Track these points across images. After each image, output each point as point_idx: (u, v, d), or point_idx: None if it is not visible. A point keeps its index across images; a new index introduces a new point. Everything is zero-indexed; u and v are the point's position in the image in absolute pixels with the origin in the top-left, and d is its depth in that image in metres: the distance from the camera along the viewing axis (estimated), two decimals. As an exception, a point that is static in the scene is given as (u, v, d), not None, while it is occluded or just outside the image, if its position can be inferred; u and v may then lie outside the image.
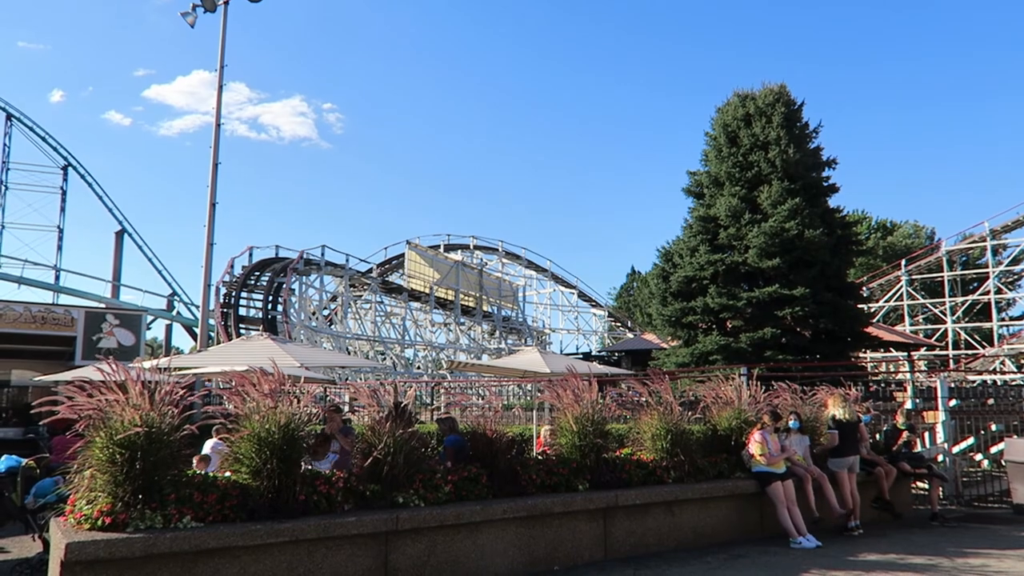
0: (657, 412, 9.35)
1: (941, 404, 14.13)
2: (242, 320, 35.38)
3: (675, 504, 8.77)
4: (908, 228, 67.14)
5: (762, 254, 24.50)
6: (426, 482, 7.26)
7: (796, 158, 26.00)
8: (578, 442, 8.50)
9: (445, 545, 7.03)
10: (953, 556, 8.32)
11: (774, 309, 24.38)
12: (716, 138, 28.23)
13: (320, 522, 6.37)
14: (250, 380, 6.86)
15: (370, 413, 7.58)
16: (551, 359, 13.83)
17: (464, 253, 54.63)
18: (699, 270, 25.98)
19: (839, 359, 24.31)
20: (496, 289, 51.81)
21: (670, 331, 27.46)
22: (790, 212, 24.56)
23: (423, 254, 47.14)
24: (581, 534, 7.97)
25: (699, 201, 28.37)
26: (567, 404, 8.74)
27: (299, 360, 10.37)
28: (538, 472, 8.08)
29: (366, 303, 45.38)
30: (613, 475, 8.51)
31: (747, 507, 9.47)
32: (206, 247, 18.86)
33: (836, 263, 25.87)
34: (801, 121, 27.40)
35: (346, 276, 41.15)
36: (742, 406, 10.26)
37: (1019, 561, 8.09)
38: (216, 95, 19.85)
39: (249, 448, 6.50)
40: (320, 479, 6.85)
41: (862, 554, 8.47)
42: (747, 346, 23.94)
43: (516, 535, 7.49)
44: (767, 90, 27.64)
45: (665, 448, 9.09)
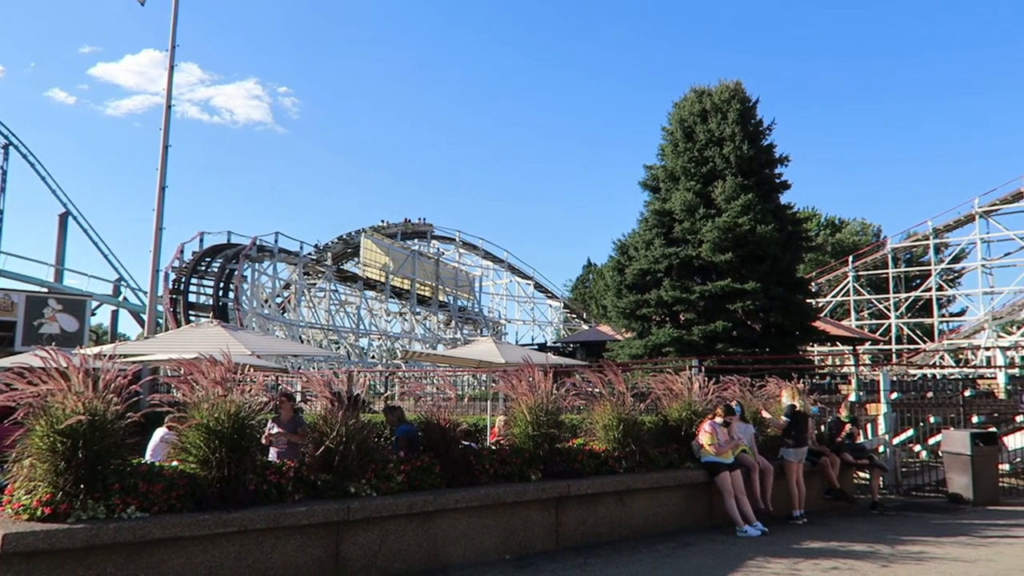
0: (610, 403, 9.44)
1: (883, 397, 14.59)
2: (192, 307, 34.68)
3: (626, 494, 8.88)
4: (856, 226, 68.92)
5: (715, 248, 24.88)
6: (379, 472, 7.23)
7: (750, 155, 26.45)
8: (532, 432, 8.55)
9: (397, 535, 7.02)
10: (892, 543, 8.59)
11: (726, 303, 24.80)
12: (673, 133, 28.53)
13: (270, 512, 6.29)
14: (199, 368, 6.73)
15: (323, 402, 7.50)
16: (506, 349, 13.87)
17: (421, 243, 54.36)
18: (654, 263, 26.27)
19: (788, 352, 24.86)
20: (453, 279, 51.70)
21: (624, 323, 27.74)
22: (743, 208, 24.97)
23: (379, 243, 46.77)
24: (533, 523, 8.02)
25: (655, 195, 28.67)
26: (521, 394, 8.77)
27: (250, 348, 10.21)
28: (491, 462, 8.10)
29: (320, 291, 44.87)
30: (566, 465, 8.58)
31: (696, 496, 9.64)
32: (155, 232, 18.43)
33: (787, 258, 26.41)
34: (755, 118, 27.85)
35: (300, 263, 40.60)
36: (693, 398, 10.44)
37: (954, 548, 8.40)
38: (167, 75, 19.36)
39: (198, 437, 6.38)
40: (271, 469, 6.77)
41: (805, 542, 8.70)
42: (699, 339, 24.31)
43: (468, 525, 7.50)
44: (723, 87, 28.02)
45: (617, 438, 9.20)
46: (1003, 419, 16.12)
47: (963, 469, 12.24)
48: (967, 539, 9.00)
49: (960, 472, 12.31)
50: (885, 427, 14.56)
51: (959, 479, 12.33)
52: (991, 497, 12.24)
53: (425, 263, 48.65)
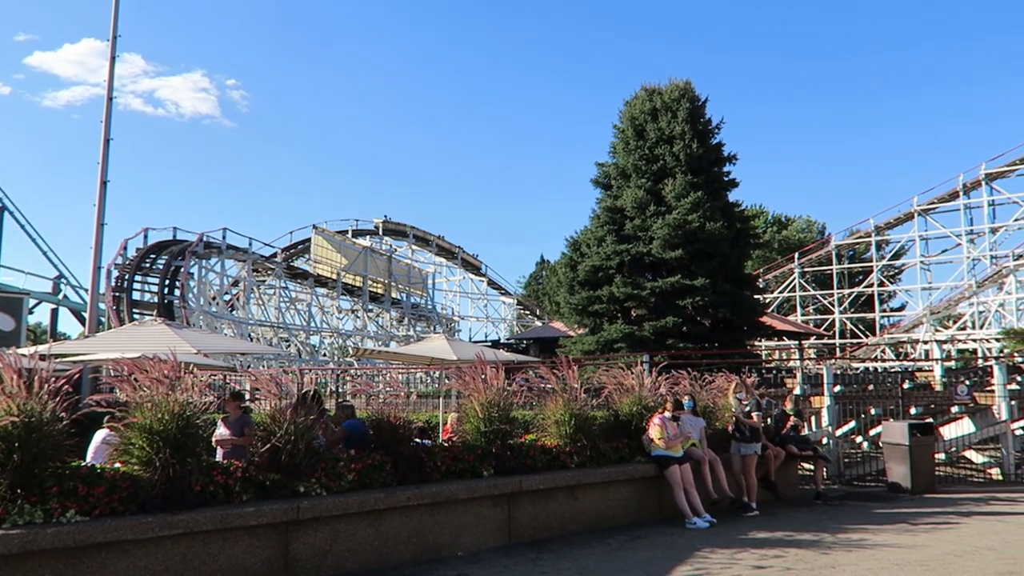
0: (562, 399, 9.50)
1: (827, 390, 14.98)
2: (136, 305, 33.77)
3: (578, 488, 8.96)
4: (801, 223, 70.54)
5: (666, 245, 25.19)
6: (329, 470, 7.16)
7: (699, 153, 26.85)
8: (484, 428, 8.56)
9: (348, 533, 6.96)
10: (835, 532, 8.84)
11: (676, 299, 25.14)
12: (624, 131, 28.78)
13: (217, 513, 6.18)
14: (142, 367, 6.57)
15: (271, 401, 7.39)
16: (458, 346, 13.84)
17: (373, 239, 53.88)
18: (605, 260, 26.49)
19: (736, 347, 25.32)
20: (405, 276, 51.37)
21: (577, 319, 27.92)
22: (693, 205, 25.34)
23: (330, 239, 46.20)
24: (486, 520, 8.04)
25: (607, 192, 28.90)
26: (473, 391, 8.78)
27: (196, 346, 9.99)
28: (443, 459, 8.09)
29: (270, 288, 44.15)
30: (518, 461, 8.61)
31: (647, 490, 9.77)
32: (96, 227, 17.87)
33: (735, 255, 26.88)
34: (704, 117, 28.25)
35: (249, 260, 39.87)
36: (643, 392, 10.56)
37: (893, 535, 8.68)
38: (108, 66, 18.78)
39: (140, 438, 6.23)
40: (217, 469, 6.64)
41: (752, 532, 8.89)
42: (650, 334, 24.59)
43: (420, 522, 7.48)
44: (673, 86, 28.36)
45: (569, 434, 9.26)
46: (939, 410, 16.67)
47: (902, 459, 12.65)
48: (905, 526, 9.31)
49: (899, 462, 12.72)
50: (828, 419, 14.96)
51: (898, 468, 12.74)
52: (928, 485, 12.67)
53: (377, 260, 48.24)
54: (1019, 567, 6.94)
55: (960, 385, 15.92)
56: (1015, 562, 7.16)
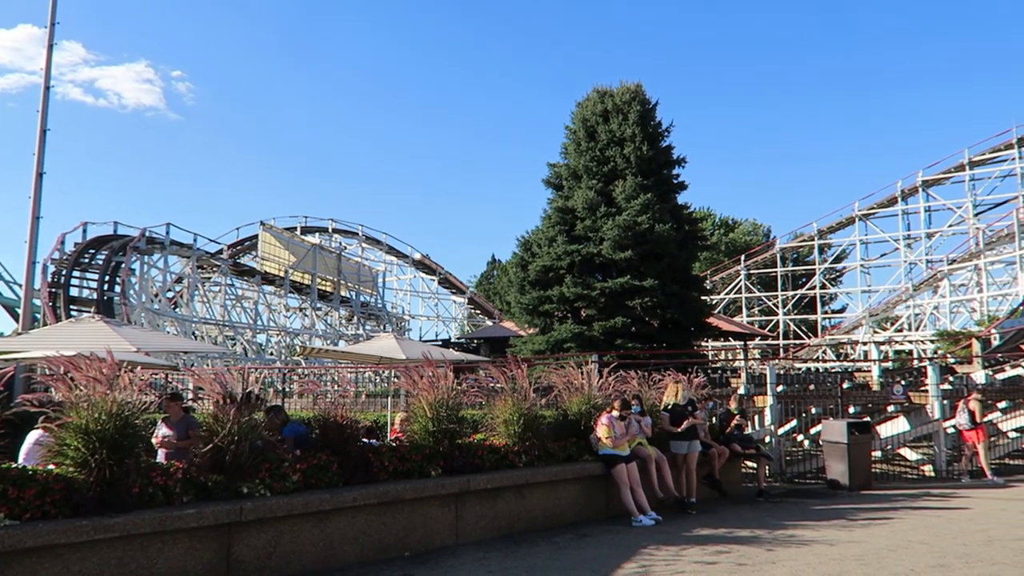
0: (511, 398, 9.53)
1: (770, 390, 15.32)
2: (73, 301, 32.66)
3: (526, 487, 8.99)
4: (748, 226, 72.05)
5: (616, 246, 25.44)
6: (273, 471, 7.04)
7: (649, 155, 27.18)
8: (432, 428, 8.53)
9: (292, 535, 6.86)
10: (774, 528, 9.06)
11: (625, 299, 25.41)
12: (576, 132, 28.97)
13: (156, 515, 6.02)
14: (78, 365, 6.36)
15: (214, 400, 7.23)
16: (408, 345, 13.77)
17: (322, 236, 53.20)
18: (556, 260, 26.63)
19: (683, 347, 25.72)
20: (355, 274, 50.83)
21: (527, 319, 28.00)
22: (642, 207, 25.64)
23: (278, 236, 45.47)
24: (433, 520, 8.01)
25: (558, 193, 29.05)
26: (422, 390, 8.74)
27: (136, 344, 9.73)
28: (391, 459, 8.03)
29: (215, 286, 43.22)
30: (466, 460, 8.60)
31: (594, 488, 9.86)
32: (31, 221, 17.30)
33: (683, 257, 27.29)
34: (655, 120, 28.61)
35: (193, 256, 38.98)
36: (592, 392, 10.66)
37: (831, 531, 8.93)
38: (46, 53, 18.15)
39: (75, 439, 6.03)
40: (157, 470, 6.47)
41: (696, 529, 9.05)
42: (600, 334, 24.81)
43: (367, 523, 7.42)
44: (624, 88, 28.65)
45: (517, 433, 9.29)
46: (876, 409, 17.22)
47: (840, 457, 13.02)
48: (843, 522, 9.58)
49: (838, 459, 13.09)
50: (771, 418, 15.30)
51: (837, 466, 13.11)
52: (865, 482, 13.08)
53: (327, 257, 47.64)
54: (948, 560, 7.21)
55: (896, 385, 16.47)
56: (944, 555, 7.43)
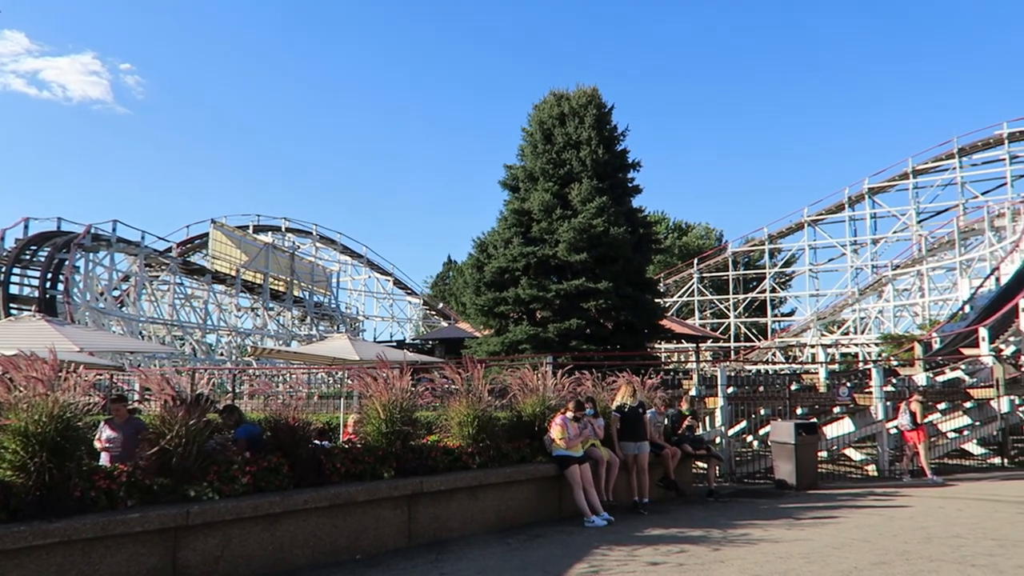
0: (465, 399, 9.52)
1: (720, 391, 15.57)
2: (13, 299, 31.62)
3: (479, 489, 8.98)
4: (701, 230, 73.22)
5: (571, 248, 25.59)
6: (222, 473, 6.92)
7: (605, 158, 27.41)
8: (385, 429, 8.47)
9: (241, 539, 6.74)
10: (724, 528, 9.21)
11: (580, 301, 25.58)
12: (532, 134, 29.07)
13: (99, 520, 5.86)
14: (17, 365, 6.16)
15: (162, 402, 7.07)
16: (361, 346, 13.66)
17: (275, 235, 52.44)
18: (512, 261, 26.68)
19: (637, 349, 26.00)
20: (308, 274, 50.21)
21: (483, 320, 27.99)
22: (598, 210, 25.84)
23: (230, 234, 44.65)
24: (385, 522, 7.95)
25: (514, 194, 29.11)
26: (376, 392, 8.68)
27: (79, 344, 9.47)
28: (343, 460, 7.95)
29: (164, 284, 42.25)
30: (419, 462, 8.57)
31: (547, 489, 9.90)
32: (-31, 215, 16.64)
33: (637, 259, 27.59)
34: (610, 123, 28.87)
35: (141, 254, 38.04)
36: (547, 393, 10.71)
37: (779, 530, 9.11)
38: (-14, 44, 17.51)
39: (13, 442, 5.85)
40: (99, 473, 6.30)
41: (647, 529, 9.15)
42: (554, 336, 24.93)
43: (318, 525, 7.33)
44: (580, 92, 28.85)
45: (471, 434, 9.29)
46: (823, 410, 17.64)
47: (788, 457, 13.30)
48: (789, 521, 9.79)
49: (785, 460, 13.38)
50: (722, 419, 15.56)
51: (784, 466, 13.39)
52: (811, 482, 13.38)
53: (280, 257, 46.95)
54: (889, 557, 7.42)
55: (842, 387, 16.90)
56: (886, 552, 7.65)
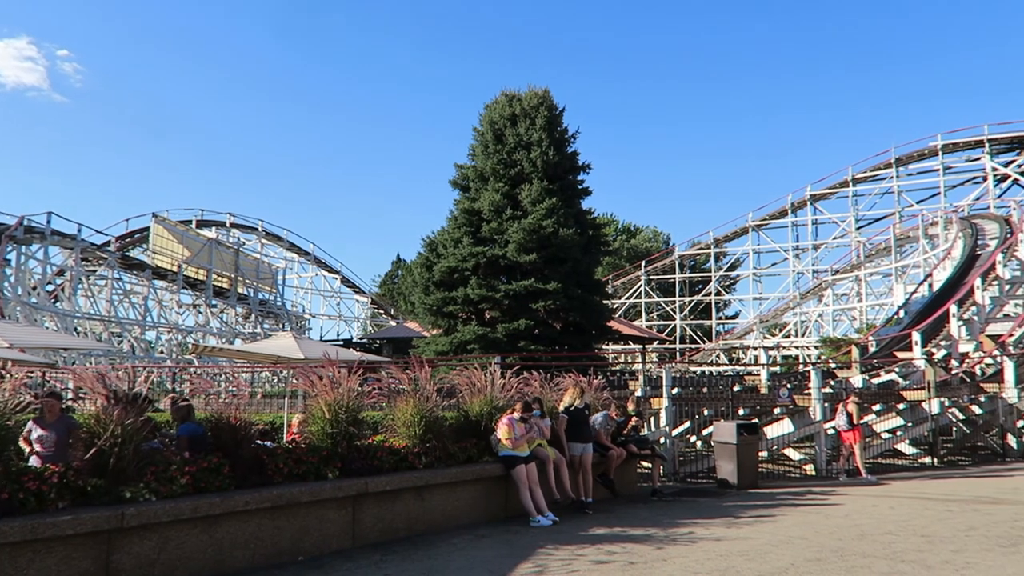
0: (412, 399, 9.46)
1: (665, 392, 15.80)
2: (-61, 293, 30.31)
3: (425, 489, 8.94)
4: (649, 233, 74.23)
5: (520, 249, 25.66)
6: (159, 474, 6.73)
7: (555, 160, 27.56)
8: (330, 429, 8.37)
9: (179, 541, 6.56)
10: (667, 527, 9.34)
11: (529, 302, 25.67)
12: (483, 134, 29.06)
13: (27, 523, 5.65)
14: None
15: (96, 400, 6.85)
16: (307, 345, 13.46)
17: (219, 231, 51.31)
18: (461, 261, 26.62)
19: (585, 350, 26.22)
20: (254, 271, 49.28)
21: (431, 320, 27.87)
22: (548, 211, 25.97)
23: (172, 229, 43.52)
24: (329, 523, 7.84)
25: (464, 194, 29.06)
26: (321, 391, 8.56)
27: (9, 340, 9.12)
28: (286, 461, 7.82)
29: (101, 279, 40.96)
30: (365, 462, 8.48)
31: (493, 489, 9.90)
32: None
33: (586, 261, 27.81)
34: (561, 126, 29.03)
35: (77, 248, 36.79)
36: (494, 393, 10.71)
37: (720, 528, 9.28)
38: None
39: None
40: (29, 474, 6.07)
41: (592, 528, 9.23)
42: (503, 336, 24.96)
43: (259, 527, 7.19)
44: (532, 93, 28.96)
45: (418, 434, 9.24)
46: (764, 411, 18.06)
47: (730, 457, 13.57)
48: (731, 520, 9.98)
49: (728, 460, 13.64)
50: (666, 420, 15.79)
51: (726, 466, 13.66)
52: (752, 481, 13.68)
53: (224, 253, 45.95)
54: (824, 554, 7.63)
55: (782, 388, 17.32)
56: (821, 549, 7.86)
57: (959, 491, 13.02)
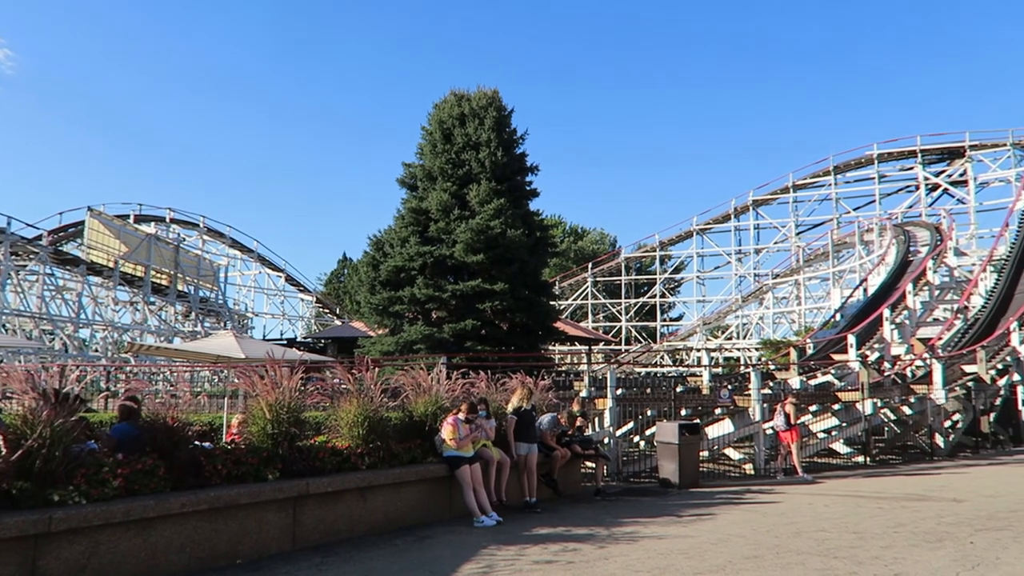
0: (356, 399, 9.36)
1: (610, 393, 15.96)
2: None
3: (368, 490, 8.85)
4: (596, 235, 74.93)
5: (468, 249, 25.63)
6: (90, 476, 6.51)
7: (504, 161, 27.63)
8: (271, 430, 8.23)
9: (110, 545, 6.36)
10: (610, 525, 9.44)
11: (476, 302, 25.66)
12: (432, 134, 28.96)
13: (-54, 528, 5.41)
14: None
15: (24, 400, 6.58)
16: (248, 344, 13.20)
17: (159, 226, 49.96)
18: (408, 260, 26.46)
19: (531, 351, 26.33)
20: (194, 267, 48.06)
21: (377, 319, 27.64)
22: (495, 211, 26.00)
23: (108, 223, 42.16)
24: (269, 525, 7.70)
25: (412, 193, 28.91)
26: (262, 391, 8.40)
27: (-69, 337, 8.69)
28: (224, 462, 7.65)
29: (32, 275, 39.43)
30: (306, 463, 8.35)
31: (438, 490, 9.86)
32: None
33: (533, 262, 27.93)
34: (510, 127, 29.12)
35: (7, 242, 35.33)
36: (440, 393, 10.66)
37: (661, 527, 9.42)
38: None
39: None
40: (-51, 478, 5.81)
41: (536, 528, 9.26)
42: (450, 336, 24.90)
43: (196, 530, 7.01)
44: (481, 93, 28.97)
45: (361, 435, 9.15)
46: (706, 412, 18.38)
47: (672, 457, 13.78)
48: (672, 518, 10.14)
49: (670, 459, 13.85)
50: (610, 420, 15.94)
51: (668, 465, 13.86)
52: (693, 480, 13.91)
53: (163, 249, 44.72)
54: (761, 551, 7.81)
55: (723, 389, 17.65)
56: (758, 547, 8.04)
57: (890, 489, 13.47)
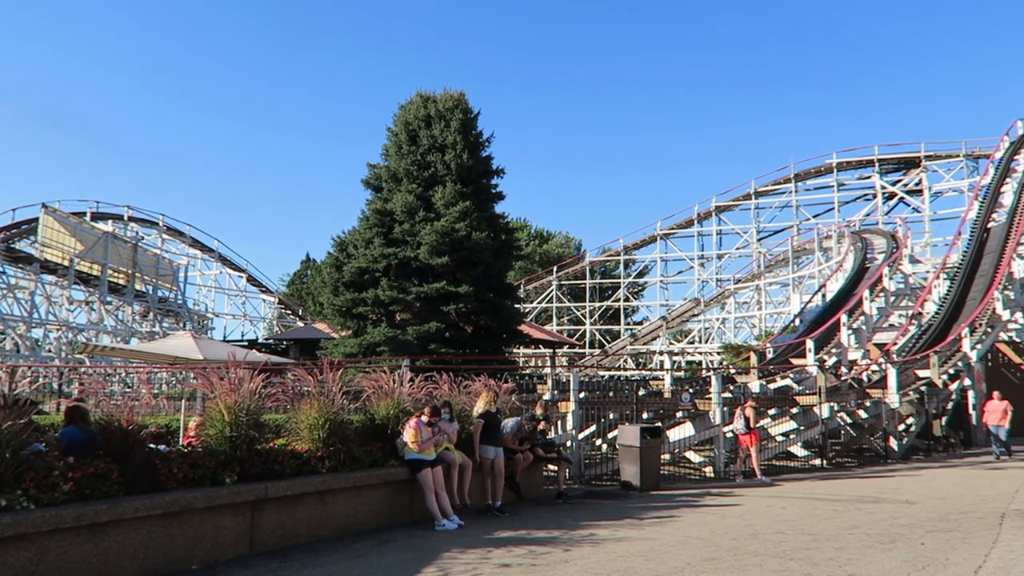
0: (317, 401, 9.26)
1: (573, 396, 16.02)
2: None
3: (328, 494, 8.75)
4: (561, 238, 75.21)
5: (433, 251, 25.53)
6: (40, 480, 6.34)
7: (469, 163, 27.57)
8: (229, 433, 8.10)
9: (60, 551, 6.20)
10: (571, 529, 9.47)
11: (440, 304, 25.56)
12: (397, 135, 28.80)
13: None
14: None
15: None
16: (207, 345, 12.99)
17: (116, 224, 48.88)
18: (372, 262, 26.27)
19: (496, 354, 26.30)
20: (153, 267, 47.13)
21: (340, 321, 27.38)
22: (461, 214, 25.94)
23: (64, 221, 41.12)
24: (225, 529, 7.57)
25: (377, 194, 28.71)
26: (221, 393, 8.27)
27: None
28: (180, 465, 7.50)
29: (-18, 273, 38.33)
30: (265, 466, 8.23)
31: (399, 494, 9.80)
32: None
33: (498, 265, 27.91)
34: (476, 129, 29.07)
35: (-44, 239, 34.33)
36: (402, 396, 10.60)
37: (622, 529, 9.48)
38: None
39: None
40: None
41: (497, 531, 9.25)
42: (413, 339, 24.76)
43: (150, 535, 6.87)
44: (447, 95, 28.89)
45: (322, 438, 9.06)
46: (667, 415, 18.55)
47: (633, 460, 13.88)
48: (632, 521, 10.21)
49: (631, 462, 13.95)
50: (573, 423, 16.01)
51: (630, 468, 13.96)
52: (654, 483, 14.03)
53: (120, 247, 43.77)
54: (720, 553, 7.90)
55: (684, 393, 17.84)
56: (717, 548, 8.14)
57: (845, 491, 13.73)
